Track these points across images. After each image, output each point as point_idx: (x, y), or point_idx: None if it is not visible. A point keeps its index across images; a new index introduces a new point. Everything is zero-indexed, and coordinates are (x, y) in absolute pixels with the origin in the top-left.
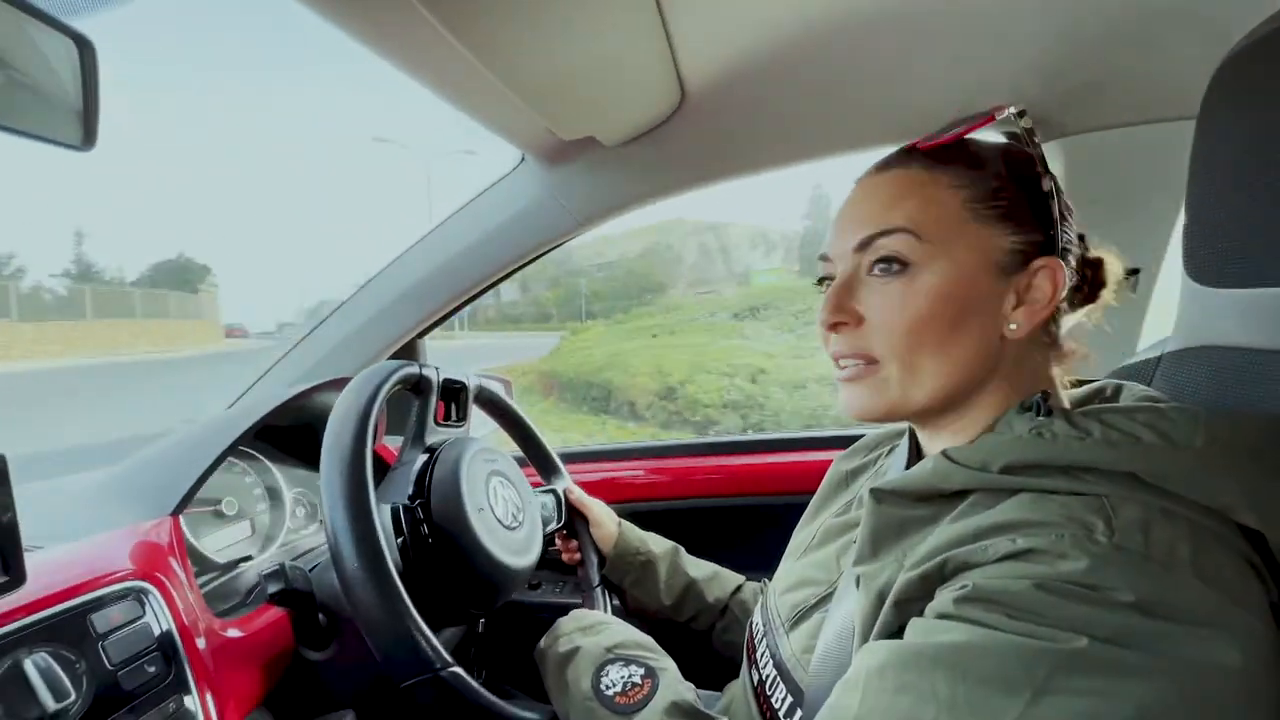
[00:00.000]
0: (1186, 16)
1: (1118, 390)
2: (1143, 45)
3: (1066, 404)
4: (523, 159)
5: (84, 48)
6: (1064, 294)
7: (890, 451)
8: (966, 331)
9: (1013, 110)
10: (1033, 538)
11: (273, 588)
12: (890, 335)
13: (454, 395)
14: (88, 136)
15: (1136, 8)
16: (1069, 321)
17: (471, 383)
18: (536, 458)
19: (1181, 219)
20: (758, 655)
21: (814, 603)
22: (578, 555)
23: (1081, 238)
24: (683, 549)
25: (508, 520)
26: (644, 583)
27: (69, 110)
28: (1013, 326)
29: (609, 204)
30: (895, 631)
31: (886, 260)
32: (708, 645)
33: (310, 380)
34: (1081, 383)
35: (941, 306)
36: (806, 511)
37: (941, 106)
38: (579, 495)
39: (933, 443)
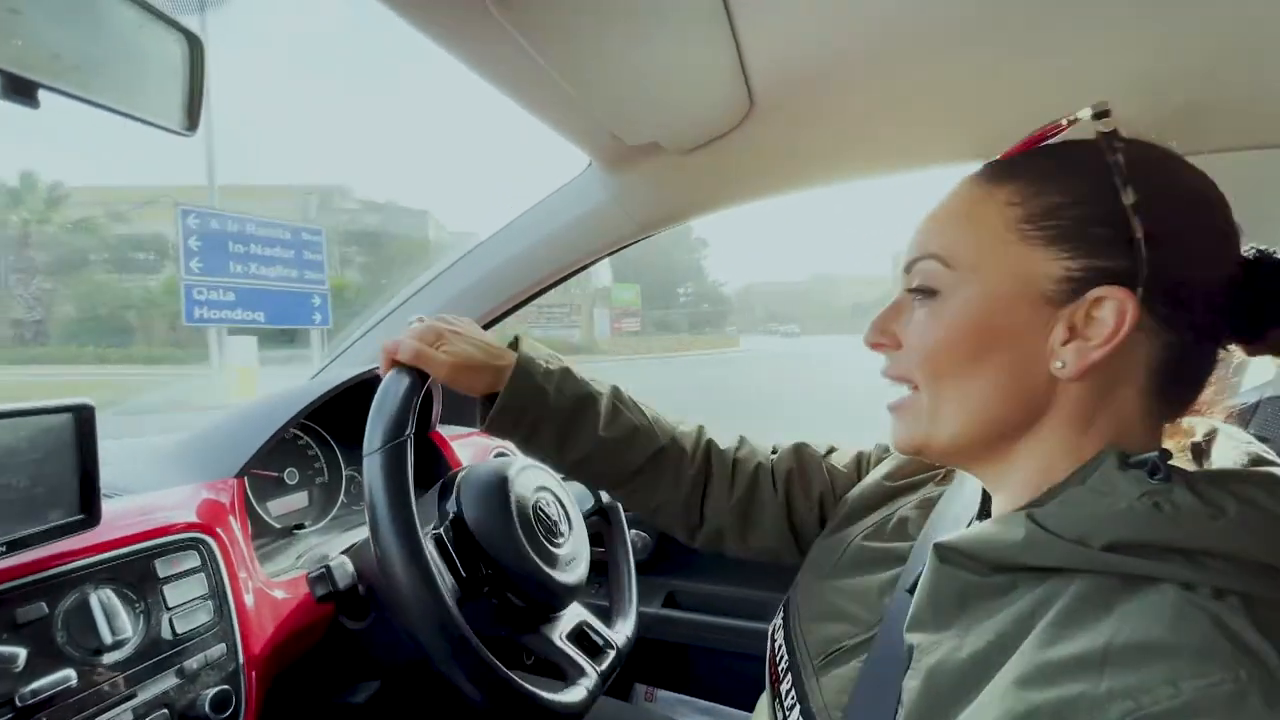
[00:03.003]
0: None
1: (1211, 435)
2: (1258, 66)
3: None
4: (589, 164)
5: (194, 44)
6: (1127, 332)
7: (944, 477)
8: (993, 365)
9: (1087, 114)
10: (1198, 681)
11: (320, 591)
12: (914, 362)
13: None
14: (191, 124)
15: (1253, 25)
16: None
17: None
18: None
19: None
20: (782, 691)
21: (851, 645)
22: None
23: (1261, 259)
24: (591, 405)
25: (555, 536)
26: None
27: (177, 99)
28: (1059, 365)
29: (670, 211)
30: None
31: (918, 289)
32: (741, 672)
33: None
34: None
35: (962, 336)
36: (830, 521)
37: (1025, 125)
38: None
39: (997, 491)
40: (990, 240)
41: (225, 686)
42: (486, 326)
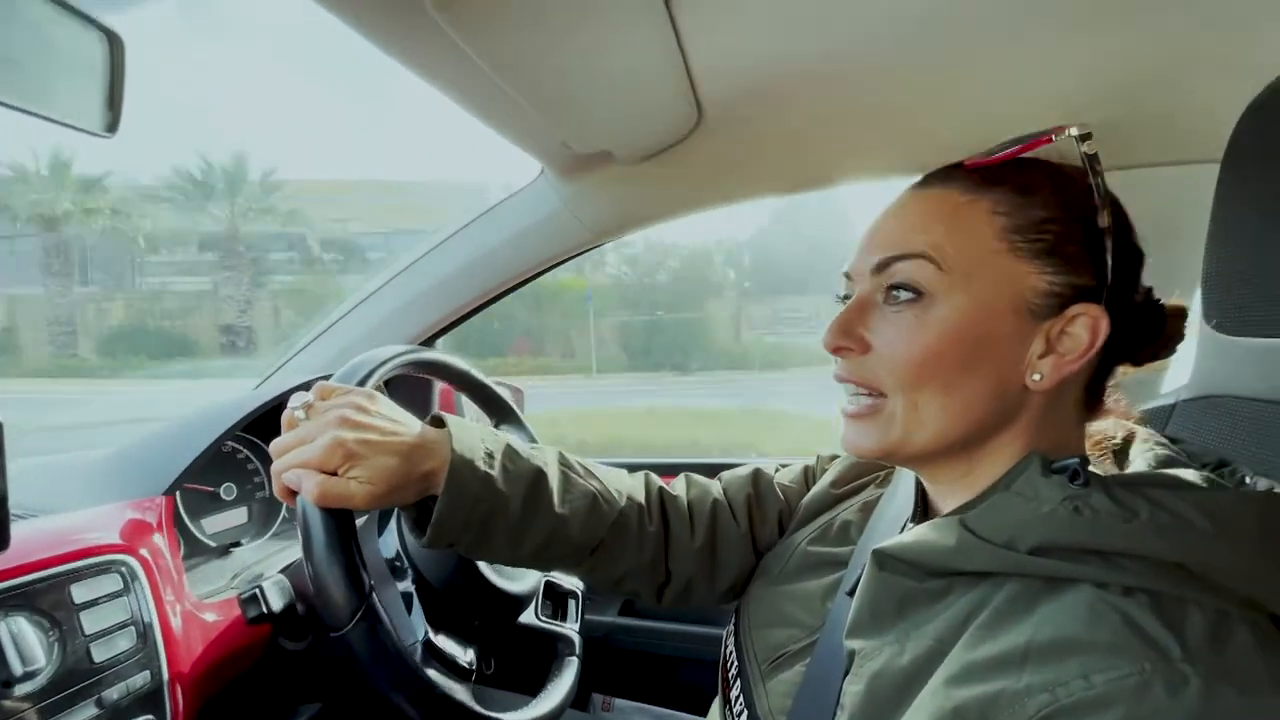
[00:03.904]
0: (1216, 59)
1: (1129, 437)
2: (1169, 86)
3: (1097, 466)
4: (541, 172)
5: (114, 42)
6: (1099, 347)
7: (885, 479)
8: (979, 374)
9: (1075, 132)
10: (1109, 674)
11: (251, 613)
12: (894, 368)
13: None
14: (112, 125)
15: (1165, 48)
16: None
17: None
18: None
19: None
20: (732, 697)
21: (795, 650)
22: None
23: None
24: (543, 480)
25: None
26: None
27: (96, 99)
28: (1036, 376)
29: (622, 220)
30: None
31: (900, 287)
32: (699, 678)
33: (323, 373)
34: None
35: (952, 343)
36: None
37: (961, 140)
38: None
39: (940, 493)
40: (981, 248)
41: (149, 716)
42: (440, 334)
